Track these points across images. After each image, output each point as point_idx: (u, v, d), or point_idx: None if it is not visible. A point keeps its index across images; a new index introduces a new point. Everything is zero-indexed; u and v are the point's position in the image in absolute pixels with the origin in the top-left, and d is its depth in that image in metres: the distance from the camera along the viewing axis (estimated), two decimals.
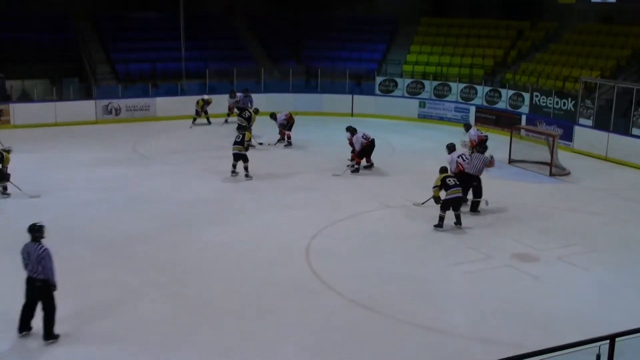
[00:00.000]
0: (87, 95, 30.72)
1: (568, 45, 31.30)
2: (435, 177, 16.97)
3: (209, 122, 29.17)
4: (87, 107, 29.43)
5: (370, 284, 13.33)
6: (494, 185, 20.86)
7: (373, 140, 21.69)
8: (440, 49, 34.30)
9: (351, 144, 22.10)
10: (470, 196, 18.11)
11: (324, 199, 18.91)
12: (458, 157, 18.65)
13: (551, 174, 21.92)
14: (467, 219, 17.28)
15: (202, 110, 28.99)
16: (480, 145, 22.54)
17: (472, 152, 22.52)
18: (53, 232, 15.74)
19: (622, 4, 27.10)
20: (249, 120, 25.05)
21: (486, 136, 22.94)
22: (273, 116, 25.61)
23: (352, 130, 21.83)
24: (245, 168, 20.65)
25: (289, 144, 25.28)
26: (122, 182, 20.16)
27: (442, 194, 16.72)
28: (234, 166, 20.73)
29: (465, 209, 17.56)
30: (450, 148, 19.08)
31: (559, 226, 17.18)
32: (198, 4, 34.79)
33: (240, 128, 23.85)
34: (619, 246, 15.87)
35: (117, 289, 12.89)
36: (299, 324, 11.72)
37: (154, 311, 12.03)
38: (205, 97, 29.42)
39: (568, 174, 21.99)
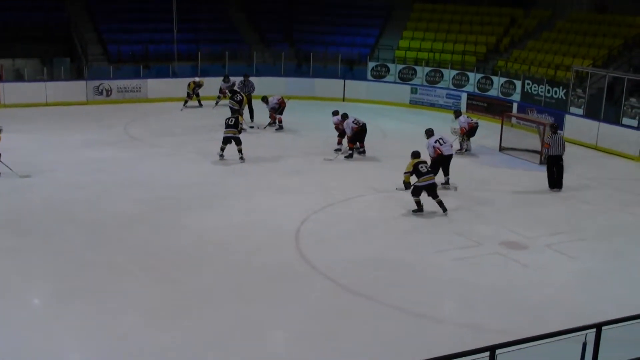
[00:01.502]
0: (78, 75, 30.65)
1: (560, 34, 31.32)
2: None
3: (200, 105, 29.12)
4: (78, 88, 29.33)
5: (360, 269, 13.36)
6: (485, 172, 20.96)
7: (364, 125, 21.66)
8: (432, 35, 34.27)
9: (337, 128, 22.13)
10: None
11: (314, 183, 18.92)
12: (435, 141, 18.75)
13: (541, 163, 21.95)
14: (456, 206, 17.35)
15: (193, 92, 28.93)
16: (470, 133, 22.67)
17: (462, 139, 22.63)
18: (43, 212, 15.90)
19: None
20: (241, 103, 25.00)
21: (477, 123, 22.98)
22: (265, 99, 25.56)
23: (343, 116, 21.81)
24: (239, 151, 20.63)
25: (280, 127, 25.26)
26: (113, 164, 20.13)
27: (413, 180, 16.72)
28: (223, 149, 20.69)
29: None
30: (429, 133, 19.20)
31: (548, 214, 17.25)
32: None
33: (233, 111, 23.79)
34: (608, 235, 15.94)
35: (105, 271, 12.89)
36: (288, 308, 11.74)
37: (143, 294, 12.02)
38: (197, 79, 29.37)
39: None
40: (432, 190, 16.64)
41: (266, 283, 12.62)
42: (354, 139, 21.62)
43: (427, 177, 16.58)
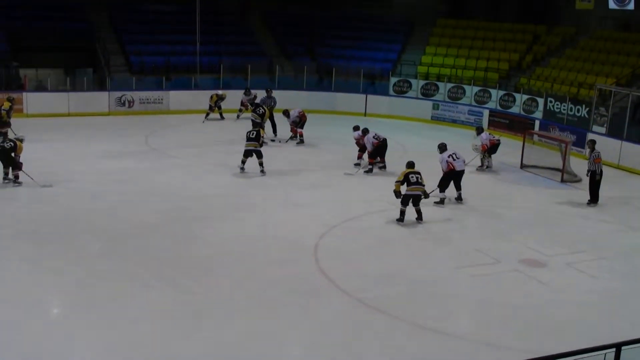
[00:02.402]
0: (100, 86, 30.83)
1: (584, 51, 31.14)
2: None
3: (222, 118, 29.18)
4: (100, 98, 29.52)
5: (377, 285, 13.30)
6: (506, 189, 20.84)
7: (385, 140, 21.61)
8: (455, 51, 34.20)
9: (358, 143, 22.10)
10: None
11: (334, 197, 18.88)
12: (448, 156, 18.72)
13: (562, 180, 21.83)
14: (476, 223, 17.27)
15: (215, 105, 29.01)
16: (491, 150, 22.56)
17: (483, 156, 22.53)
18: (62, 221, 15.97)
19: None
20: (263, 116, 25.02)
21: (498, 140, 22.88)
22: (286, 113, 25.56)
23: (364, 131, 21.78)
24: (260, 164, 20.64)
25: (301, 141, 25.25)
26: (133, 175, 20.20)
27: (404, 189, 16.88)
28: (244, 162, 20.70)
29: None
30: (442, 147, 19.16)
31: (568, 232, 17.11)
32: None
33: (254, 125, 23.78)
34: (628, 254, 15.78)
35: (123, 281, 12.92)
36: (304, 322, 11.72)
37: (161, 304, 12.03)
38: (220, 92, 29.48)
39: (579, 180, 21.87)
40: (416, 200, 16.87)
41: (283, 296, 12.58)
42: (375, 154, 21.57)
43: (415, 187, 16.81)
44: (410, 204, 16.87)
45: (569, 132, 26.08)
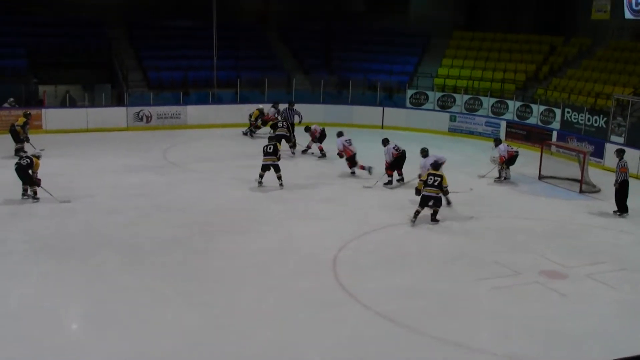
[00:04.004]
0: (118, 101, 31.08)
1: (601, 62, 31.08)
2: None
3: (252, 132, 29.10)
4: (118, 114, 29.73)
5: (396, 298, 13.28)
6: (524, 201, 20.77)
7: (404, 152, 21.61)
8: (472, 63, 34.24)
9: (340, 153, 22.83)
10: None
11: (352, 210, 18.88)
12: (430, 164, 18.87)
13: (581, 191, 21.74)
14: (495, 235, 17.25)
15: (256, 121, 28.87)
16: (510, 161, 22.51)
17: (501, 167, 22.48)
18: (81, 236, 16.06)
19: None
20: (290, 130, 25.12)
21: (517, 152, 22.84)
22: (308, 129, 25.60)
23: (384, 141, 21.82)
24: (278, 177, 20.71)
25: (323, 155, 25.26)
26: (152, 189, 20.30)
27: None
28: (261, 176, 20.76)
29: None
30: (424, 152, 19.19)
31: (588, 243, 17.04)
32: (231, 13, 34.99)
33: (271, 139, 23.73)
34: None
35: (143, 296, 12.96)
36: (324, 335, 11.70)
37: (180, 319, 12.06)
38: (260, 107, 29.37)
39: (598, 191, 21.79)
40: (433, 202, 17.69)
41: (303, 309, 12.59)
42: (393, 166, 21.56)
43: (430, 189, 17.60)
44: (429, 204, 17.67)
45: (587, 143, 26.00)
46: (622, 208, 19.22)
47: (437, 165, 18.40)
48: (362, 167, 22.29)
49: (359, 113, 32.37)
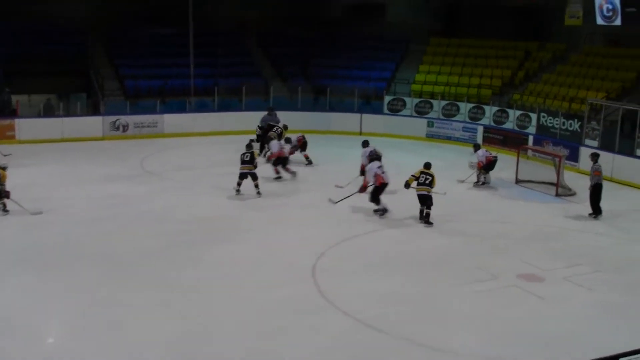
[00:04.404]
0: (94, 111, 30.87)
1: (575, 67, 31.40)
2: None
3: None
4: (94, 123, 29.50)
5: (376, 304, 13.32)
6: (501, 205, 20.91)
7: (379, 157, 21.67)
8: (448, 69, 34.45)
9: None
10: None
11: (330, 217, 18.90)
12: (378, 167, 19.02)
13: (557, 195, 21.94)
14: (473, 239, 17.36)
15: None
16: (488, 166, 22.68)
17: (480, 172, 22.63)
18: (58, 248, 15.91)
19: (627, 28, 27.23)
20: (280, 135, 25.13)
21: (495, 157, 23.03)
22: (288, 140, 25.55)
23: (364, 143, 21.95)
24: (256, 186, 20.70)
25: (310, 163, 25.36)
26: (129, 199, 20.20)
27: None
28: (239, 184, 20.74)
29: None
30: (365, 144, 19.13)
31: (564, 246, 17.19)
32: (208, 21, 34.95)
33: (248, 146, 23.51)
34: (625, 266, 15.87)
35: (123, 307, 12.88)
36: (304, 343, 11.72)
37: (162, 329, 12.01)
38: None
39: (574, 194, 21.99)
40: (420, 200, 18.32)
41: (283, 318, 12.58)
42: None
43: (421, 187, 18.40)
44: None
45: (562, 147, 26.25)
46: (596, 210, 19.43)
47: (428, 164, 18.92)
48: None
49: (337, 120, 32.43)
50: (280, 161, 23.00)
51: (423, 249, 16.58)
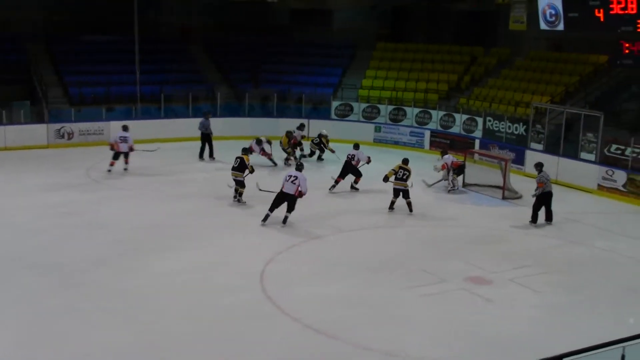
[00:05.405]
0: (38, 119, 30.35)
1: (520, 71, 31.82)
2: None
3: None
4: (38, 131, 28.97)
5: (325, 309, 13.32)
6: (449, 209, 21.06)
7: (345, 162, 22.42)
8: (395, 74, 34.60)
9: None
10: None
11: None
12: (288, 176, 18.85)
13: (504, 198, 22.21)
14: (421, 243, 17.46)
15: (318, 146, 27.96)
16: (459, 170, 22.88)
17: (452, 177, 22.76)
18: (3, 259, 15.57)
19: (570, 33, 27.73)
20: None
21: (463, 162, 23.33)
22: (259, 142, 25.64)
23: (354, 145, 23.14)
24: (240, 194, 20.62)
25: (275, 164, 26.07)
26: (75, 208, 19.86)
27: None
28: (235, 190, 20.77)
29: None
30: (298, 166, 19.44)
31: (511, 249, 17.40)
32: (153, 28, 34.66)
33: (243, 150, 22.75)
34: (569, 267, 16.18)
35: (71, 318, 12.67)
36: (254, 349, 11.66)
37: (108, 339, 11.83)
38: (324, 132, 28.22)
39: (520, 197, 22.27)
40: (405, 193, 19.88)
41: (232, 324, 12.51)
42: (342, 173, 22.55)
43: (398, 182, 19.77)
44: (401, 197, 19.79)
45: (508, 150, 26.59)
46: (534, 218, 19.46)
47: (406, 160, 20.31)
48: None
49: (284, 125, 32.18)
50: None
51: (371, 253, 16.63)
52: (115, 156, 24.53)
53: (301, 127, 28.77)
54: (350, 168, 22.59)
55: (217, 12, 37.39)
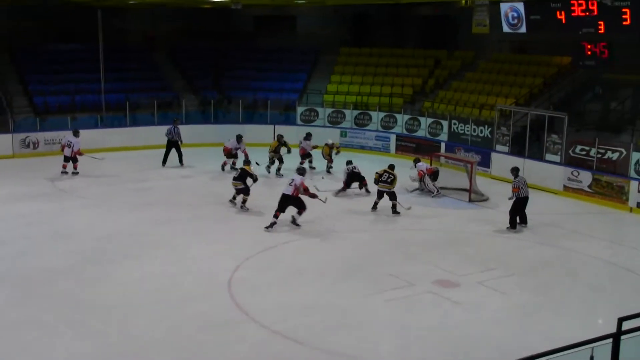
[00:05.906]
0: (3, 128, 30.02)
1: (484, 74, 32.09)
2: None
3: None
4: (3, 141, 28.68)
5: (293, 315, 13.32)
6: (415, 212, 21.12)
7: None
8: (360, 79, 34.74)
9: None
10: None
11: (244, 230, 18.79)
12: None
13: (470, 200, 22.36)
14: (388, 247, 17.52)
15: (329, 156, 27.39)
16: (433, 176, 22.96)
17: (433, 184, 22.82)
18: None
19: (533, 36, 28.00)
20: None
21: (436, 168, 23.46)
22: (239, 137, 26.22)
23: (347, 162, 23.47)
24: (244, 201, 20.61)
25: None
26: (40, 218, 19.67)
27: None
28: (238, 199, 20.76)
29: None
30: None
31: (478, 251, 17.52)
32: (117, 36, 34.47)
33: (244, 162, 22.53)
34: (536, 268, 16.30)
35: (34, 329, 12.52)
36: (221, 357, 11.63)
37: (73, 351, 11.74)
38: (330, 141, 27.71)
39: (486, 199, 22.46)
40: (381, 195, 20.62)
41: (200, 332, 12.45)
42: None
43: (382, 184, 20.54)
44: (386, 198, 20.43)
45: (474, 153, 26.77)
46: (512, 223, 19.48)
47: (392, 166, 21.05)
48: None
49: (250, 132, 32.11)
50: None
51: (338, 259, 16.64)
52: (66, 159, 25.06)
53: (308, 136, 27.45)
54: (354, 177, 23.01)
55: (181, 20, 37.28)
